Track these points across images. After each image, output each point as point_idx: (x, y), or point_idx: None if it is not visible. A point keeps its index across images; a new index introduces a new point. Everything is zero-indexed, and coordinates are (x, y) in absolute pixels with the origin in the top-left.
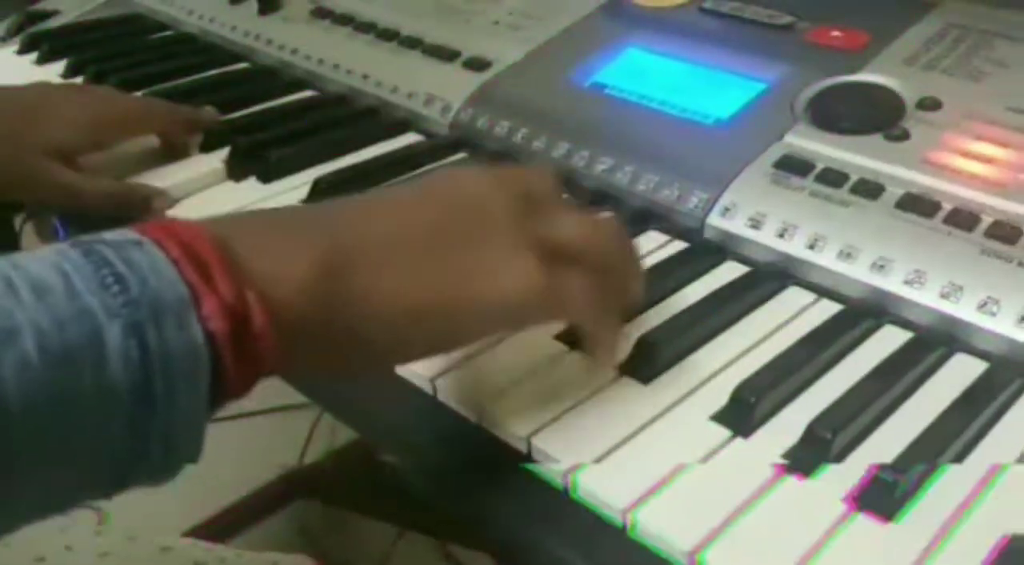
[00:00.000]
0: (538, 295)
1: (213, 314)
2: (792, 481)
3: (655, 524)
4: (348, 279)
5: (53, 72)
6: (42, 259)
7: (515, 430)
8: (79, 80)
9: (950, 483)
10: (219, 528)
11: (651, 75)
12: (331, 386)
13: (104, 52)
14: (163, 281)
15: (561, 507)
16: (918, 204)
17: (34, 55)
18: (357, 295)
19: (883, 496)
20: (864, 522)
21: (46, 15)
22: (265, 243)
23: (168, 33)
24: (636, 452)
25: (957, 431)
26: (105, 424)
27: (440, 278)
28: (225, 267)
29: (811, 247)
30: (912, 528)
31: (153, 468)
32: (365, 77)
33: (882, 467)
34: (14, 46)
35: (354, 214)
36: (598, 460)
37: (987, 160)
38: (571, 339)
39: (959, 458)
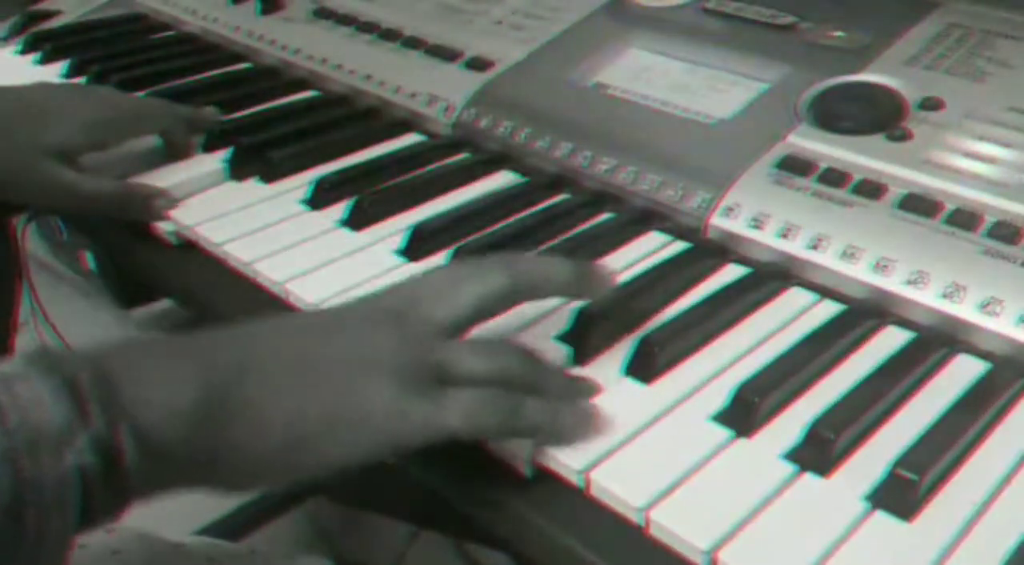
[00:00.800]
0: (417, 427)
1: (85, 447)
2: (808, 480)
3: (673, 523)
4: (230, 406)
5: (55, 72)
6: None
7: None
8: (81, 80)
9: (965, 482)
10: (231, 528)
11: (653, 75)
12: None
13: (106, 52)
14: (42, 412)
15: (576, 506)
16: (920, 204)
17: (36, 55)
18: (238, 423)
19: (902, 495)
20: (882, 521)
21: (48, 15)
22: (144, 374)
23: (170, 33)
24: (641, 452)
25: (959, 432)
26: None
27: (320, 408)
28: (101, 402)
29: (813, 247)
30: (930, 527)
31: None
32: (367, 77)
33: (902, 465)
34: (15, 46)
35: (237, 343)
36: (601, 460)
37: (989, 160)
38: (572, 340)
39: (962, 458)
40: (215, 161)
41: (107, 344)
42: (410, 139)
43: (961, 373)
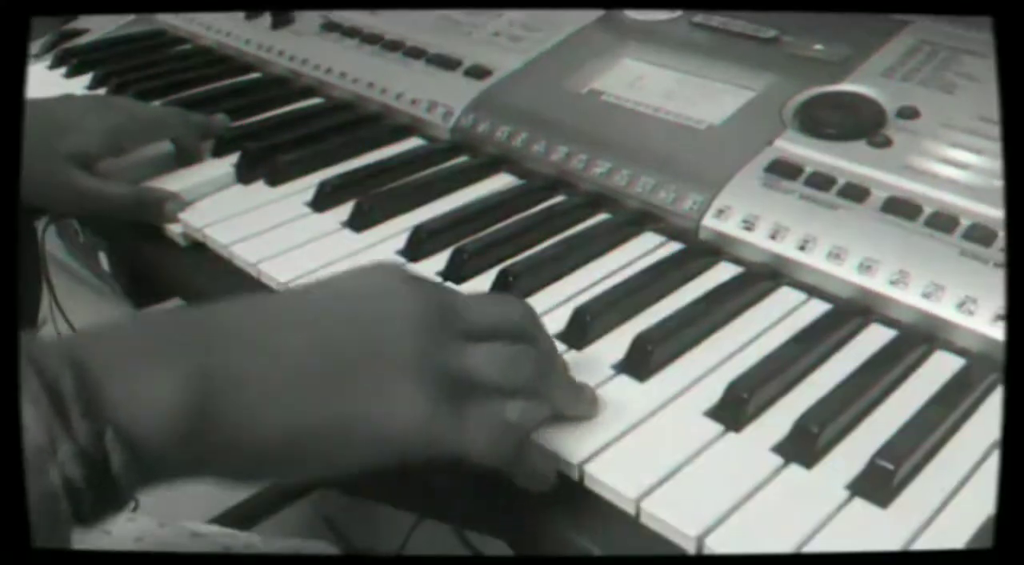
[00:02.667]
0: (435, 437)
1: (69, 459)
2: (794, 470)
3: (663, 512)
4: (222, 406)
5: (81, 84)
6: None
7: None
8: (102, 91)
9: (938, 471)
10: (243, 516)
11: (646, 83)
12: None
13: (126, 65)
14: (23, 426)
15: (572, 496)
16: (901, 207)
17: (64, 69)
18: (230, 423)
19: (879, 483)
20: (860, 507)
21: (77, 33)
22: (134, 373)
23: (186, 47)
24: (636, 446)
25: (936, 424)
26: None
27: (325, 406)
28: (85, 405)
29: (802, 248)
30: (903, 513)
31: None
32: (370, 85)
33: (879, 456)
34: (47, 61)
35: (237, 330)
36: (598, 454)
37: (964, 166)
38: (571, 339)
39: (936, 449)
40: (225, 165)
41: (90, 333)
42: (411, 143)
43: (939, 369)
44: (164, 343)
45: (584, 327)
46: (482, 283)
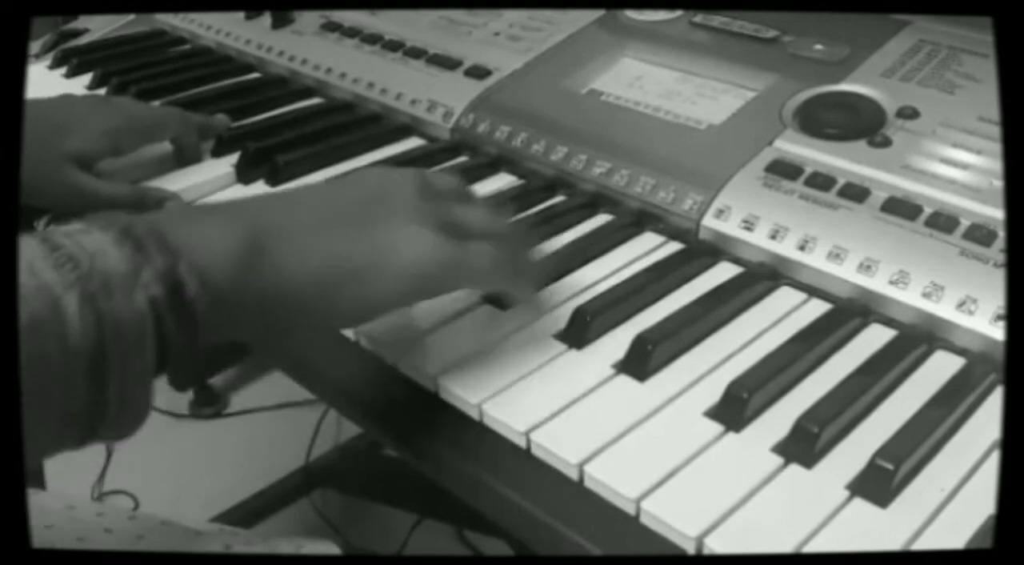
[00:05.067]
0: (444, 264)
1: (151, 282)
2: (794, 470)
3: (663, 512)
4: (270, 251)
5: (81, 84)
6: None
7: (514, 425)
8: (103, 91)
9: (938, 471)
10: (245, 516)
11: (646, 83)
12: (336, 382)
13: (127, 65)
14: (108, 258)
15: (573, 496)
16: (901, 207)
17: (64, 69)
18: (278, 265)
19: (879, 483)
20: (860, 507)
21: (77, 34)
22: (194, 224)
23: (186, 47)
24: (636, 446)
25: (936, 423)
26: (71, 382)
27: (351, 249)
28: (158, 244)
29: (802, 248)
30: (903, 513)
31: (112, 422)
32: (370, 85)
33: (879, 456)
34: (47, 61)
35: (275, 200)
36: (599, 453)
37: (963, 166)
38: (571, 339)
39: (939, 448)
40: (225, 166)
41: (148, 214)
42: (411, 143)
43: (939, 369)
44: (219, 207)
45: (584, 327)
46: None
